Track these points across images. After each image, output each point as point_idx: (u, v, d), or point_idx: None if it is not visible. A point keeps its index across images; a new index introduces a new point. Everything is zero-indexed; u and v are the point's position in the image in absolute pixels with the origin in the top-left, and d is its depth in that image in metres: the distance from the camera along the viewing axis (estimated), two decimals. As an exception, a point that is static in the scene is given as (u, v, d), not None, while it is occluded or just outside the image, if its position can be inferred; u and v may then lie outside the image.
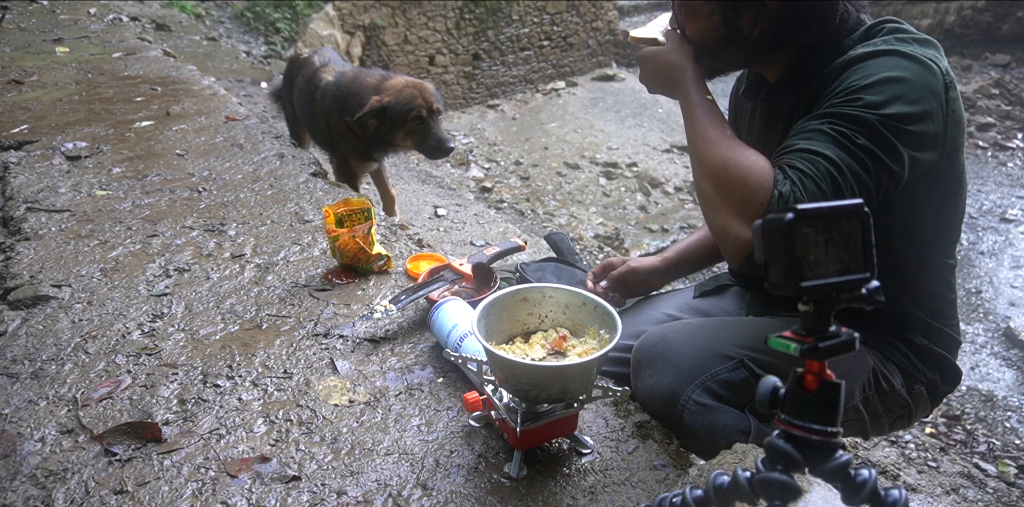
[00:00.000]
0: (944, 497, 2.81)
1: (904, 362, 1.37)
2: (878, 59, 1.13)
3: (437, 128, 2.40)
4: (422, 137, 2.40)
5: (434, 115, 2.40)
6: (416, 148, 2.46)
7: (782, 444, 0.66)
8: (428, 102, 2.37)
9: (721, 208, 1.15)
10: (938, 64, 1.14)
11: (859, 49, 1.16)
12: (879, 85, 1.09)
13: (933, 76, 1.12)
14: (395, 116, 2.36)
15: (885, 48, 1.14)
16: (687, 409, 1.22)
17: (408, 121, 2.37)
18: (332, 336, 1.52)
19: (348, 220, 1.74)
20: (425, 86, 2.42)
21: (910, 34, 1.19)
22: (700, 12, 1.24)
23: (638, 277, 1.59)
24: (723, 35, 1.24)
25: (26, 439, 1.21)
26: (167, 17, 6.32)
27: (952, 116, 1.16)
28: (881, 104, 1.08)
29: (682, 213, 7.97)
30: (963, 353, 5.94)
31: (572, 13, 11.03)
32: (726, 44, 1.25)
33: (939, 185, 1.23)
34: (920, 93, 1.10)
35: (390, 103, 2.35)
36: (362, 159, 2.63)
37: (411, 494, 1.11)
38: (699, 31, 1.27)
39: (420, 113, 2.35)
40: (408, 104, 2.35)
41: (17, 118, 2.78)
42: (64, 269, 1.76)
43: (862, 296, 0.63)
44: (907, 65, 1.11)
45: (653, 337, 1.32)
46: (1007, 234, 8.05)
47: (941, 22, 12.66)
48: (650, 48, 1.36)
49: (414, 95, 2.36)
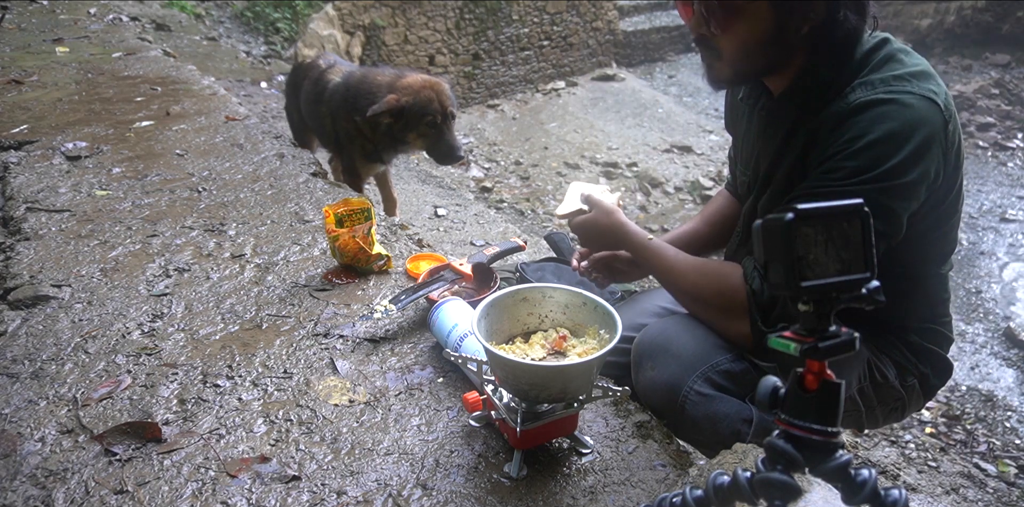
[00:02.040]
0: (944, 497, 2.81)
1: (897, 355, 1.39)
2: (877, 110, 1.11)
3: (450, 134, 2.38)
4: (435, 141, 2.38)
5: (448, 120, 2.38)
6: (427, 151, 2.45)
7: (782, 444, 0.66)
8: (444, 106, 2.35)
9: (713, 317, 1.30)
10: (937, 99, 1.12)
11: (858, 94, 1.13)
12: (872, 149, 1.09)
13: (933, 116, 1.11)
14: (410, 117, 2.34)
15: (884, 96, 1.11)
16: (689, 399, 1.23)
17: (423, 124, 2.35)
18: (332, 336, 1.52)
19: (348, 220, 1.74)
20: (442, 88, 2.38)
21: (906, 68, 1.15)
22: (754, 13, 1.15)
23: (620, 264, 1.57)
24: (770, 36, 1.17)
25: (26, 439, 1.21)
26: (167, 17, 6.31)
27: (953, 147, 1.16)
28: (872, 171, 1.08)
29: (682, 213, 7.97)
30: (963, 353, 5.94)
31: (572, 13, 11.03)
32: (766, 46, 1.18)
33: (937, 208, 1.23)
34: (917, 147, 1.09)
35: (408, 103, 2.31)
36: (369, 161, 2.62)
37: (411, 494, 1.11)
38: (744, 32, 1.18)
39: (435, 119, 2.33)
40: (425, 107, 2.32)
41: (17, 118, 2.78)
42: (64, 269, 1.75)
43: (862, 296, 0.63)
44: (905, 116, 1.10)
45: (654, 330, 1.34)
46: (1007, 234, 8.05)
47: (941, 22, 12.66)
48: (579, 218, 1.44)
49: (431, 98, 2.33)
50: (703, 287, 1.29)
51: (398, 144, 2.49)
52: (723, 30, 1.18)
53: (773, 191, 1.29)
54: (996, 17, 12.40)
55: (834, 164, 1.12)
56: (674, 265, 1.32)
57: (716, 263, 1.34)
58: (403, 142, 2.44)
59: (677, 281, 1.33)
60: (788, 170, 1.25)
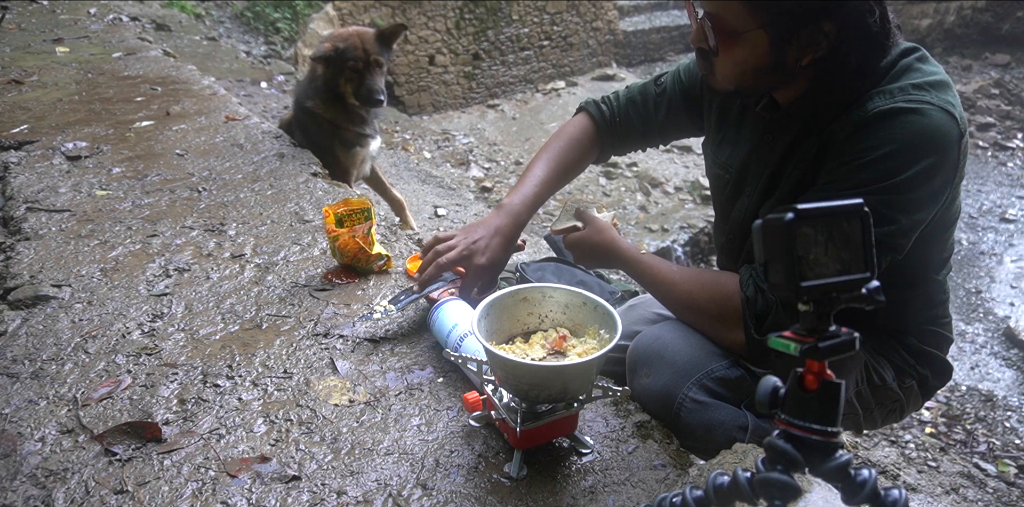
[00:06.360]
0: (944, 497, 2.81)
1: (895, 357, 1.39)
2: (898, 119, 1.08)
3: (372, 79, 2.47)
4: (358, 85, 2.48)
5: (372, 66, 2.46)
6: (353, 96, 2.52)
7: (782, 444, 0.66)
8: (367, 52, 2.45)
9: (707, 326, 1.29)
10: (954, 112, 1.10)
11: (876, 102, 1.10)
12: (888, 160, 1.07)
13: (950, 129, 1.09)
14: (337, 63, 2.45)
15: (904, 105, 1.08)
16: (684, 407, 1.23)
17: (347, 69, 2.45)
18: (332, 336, 1.52)
19: (348, 220, 1.74)
20: (368, 37, 2.48)
21: (924, 77, 1.12)
22: (747, 42, 1.12)
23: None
24: (766, 64, 1.14)
25: (26, 439, 1.21)
26: (167, 17, 6.31)
27: (963, 159, 1.15)
28: (883, 182, 1.07)
29: (682, 213, 7.97)
30: (963, 353, 5.95)
31: (572, 13, 11.04)
32: (763, 72, 1.16)
33: (940, 217, 1.22)
34: (933, 160, 1.08)
35: (337, 49, 2.43)
36: (345, 146, 2.64)
37: (411, 494, 1.11)
38: (740, 57, 1.15)
39: (358, 64, 2.44)
40: (349, 52, 2.43)
41: (17, 118, 2.78)
42: (64, 269, 1.76)
43: (862, 296, 0.63)
44: (925, 127, 1.08)
45: (648, 337, 1.33)
46: (1007, 234, 8.05)
47: (941, 22, 12.66)
48: (573, 235, 1.45)
49: (356, 45, 2.44)
50: (697, 295, 1.28)
51: (343, 103, 2.54)
52: (721, 50, 1.16)
53: (779, 199, 1.27)
54: (996, 17, 12.41)
55: (845, 173, 1.10)
56: (668, 276, 1.31)
57: (711, 272, 1.33)
58: (340, 95, 2.51)
59: (671, 291, 1.32)
60: (797, 179, 1.23)
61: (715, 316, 1.25)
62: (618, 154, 1.68)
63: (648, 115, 1.57)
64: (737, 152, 1.36)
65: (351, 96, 2.49)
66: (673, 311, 1.36)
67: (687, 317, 1.33)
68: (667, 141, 1.63)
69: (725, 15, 1.11)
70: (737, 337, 1.21)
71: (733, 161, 1.37)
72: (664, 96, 1.54)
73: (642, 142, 1.63)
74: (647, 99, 1.57)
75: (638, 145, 1.64)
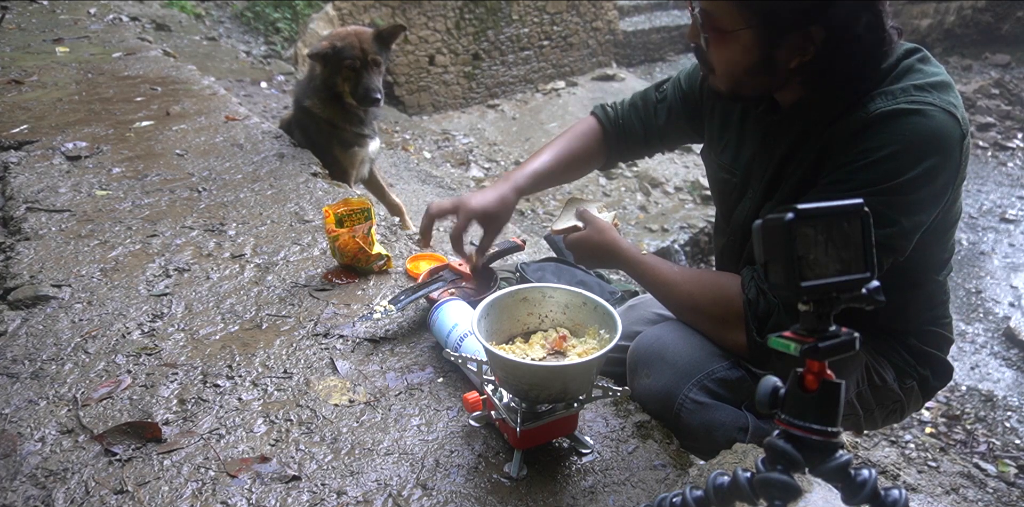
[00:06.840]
0: (944, 497, 2.81)
1: (896, 358, 1.38)
2: (900, 121, 1.08)
3: (368, 78, 2.46)
4: (355, 84, 2.48)
5: (369, 65, 2.46)
6: (351, 95, 2.52)
7: (782, 444, 0.66)
8: (365, 52, 2.45)
9: (709, 327, 1.29)
10: (956, 113, 1.09)
11: (878, 103, 1.10)
12: (890, 161, 1.07)
13: (953, 130, 1.08)
14: (335, 61, 2.45)
15: (906, 107, 1.08)
16: (684, 408, 1.23)
17: (344, 67, 2.45)
18: (332, 336, 1.52)
19: (348, 220, 1.74)
20: (366, 36, 2.47)
21: (926, 77, 1.12)
22: (736, 40, 1.13)
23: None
24: (756, 64, 1.14)
25: (26, 439, 1.21)
26: (167, 17, 6.31)
27: (965, 161, 1.15)
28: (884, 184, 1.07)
29: (682, 213, 7.97)
30: (963, 353, 5.95)
31: (572, 13, 11.03)
32: (754, 73, 1.16)
33: (941, 219, 1.21)
34: (935, 162, 1.07)
35: (335, 47, 2.43)
36: (343, 146, 2.63)
37: (411, 494, 1.11)
38: (730, 56, 1.16)
39: (355, 63, 2.44)
40: (347, 51, 2.43)
41: (17, 118, 2.78)
42: (64, 269, 1.76)
43: (862, 296, 0.63)
44: (928, 128, 1.07)
45: (649, 337, 1.33)
46: (1007, 234, 8.05)
47: (941, 22, 12.66)
48: (574, 235, 1.44)
49: (353, 44, 2.43)
50: (699, 297, 1.27)
51: (341, 103, 2.54)
52: (712, 48, 1.17)
53: (779, 200, 1.27)
54: (996, 17, 12.41)
55: (846, 174, 1.10)
56: (669, 277, 1.31)
57: (712, 273, 1.33)
58: (338, 94, 2.51)
59: (673, 292, 1.31)
60: (798, 180, 1.22)
61: (716, 317, 1.25)
62: (623, 160, 1.69)
63: (649, 120, 1.58)
64: (741, 155, 1.37)
65: (348, 95, 2.49)
66: (674, 312, 1.36)
67: (688, 318, 1.33)
68: (669, 147, 1.64)
69: (716, 12, 1.12)
70: (738, 338, 1.21)
71: (738, 164, 1.37)
72: (665, 102, 1.56)
73: (645, 147, 1.63)
74: (648, 105, 1.59)
75: (642, 150, 1.65)
